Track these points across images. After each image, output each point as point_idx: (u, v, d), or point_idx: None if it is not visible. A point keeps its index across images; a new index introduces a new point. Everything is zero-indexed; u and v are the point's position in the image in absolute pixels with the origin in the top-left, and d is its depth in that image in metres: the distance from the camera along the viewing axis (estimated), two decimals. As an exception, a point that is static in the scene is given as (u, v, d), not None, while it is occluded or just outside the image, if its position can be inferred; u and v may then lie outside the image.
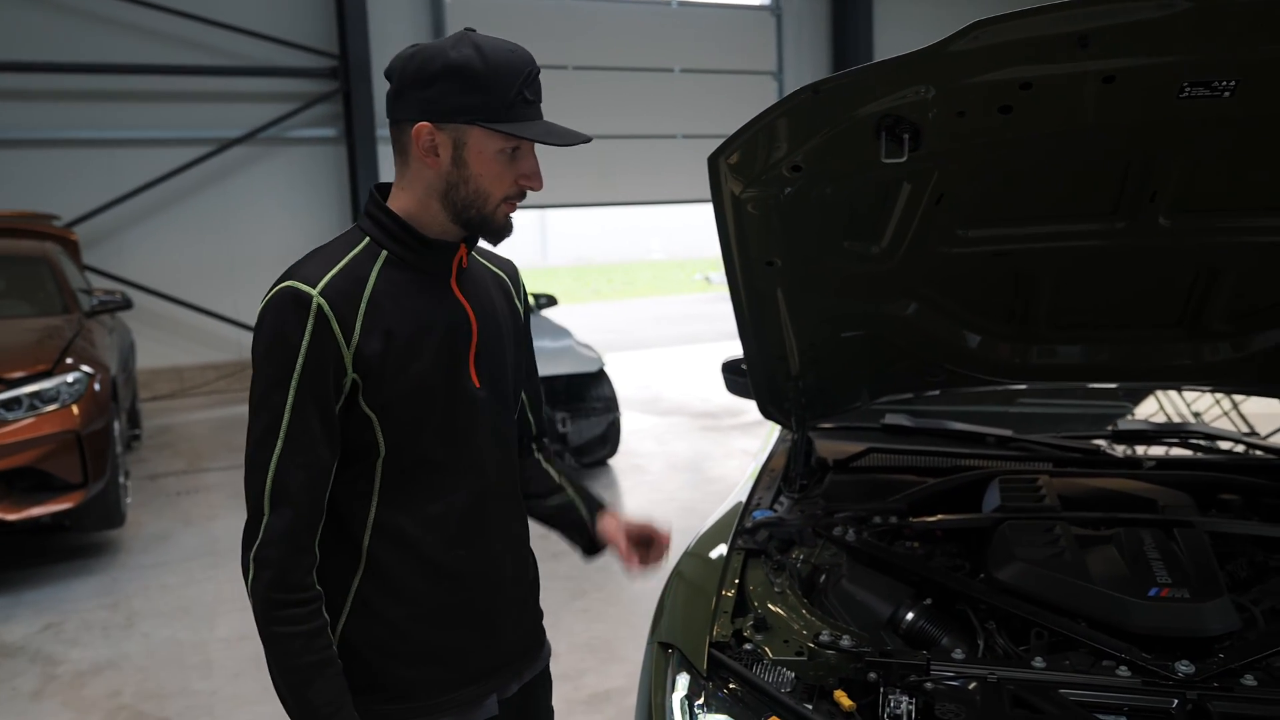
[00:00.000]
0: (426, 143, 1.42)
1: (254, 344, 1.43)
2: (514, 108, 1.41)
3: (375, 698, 1.51)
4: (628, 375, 10.85)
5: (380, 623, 1.51)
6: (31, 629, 4.44)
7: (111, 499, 5.21)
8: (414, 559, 1.51)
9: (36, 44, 9.75)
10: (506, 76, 1.40)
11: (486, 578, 1.58)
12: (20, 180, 9.75)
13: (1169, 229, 2.08)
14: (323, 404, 1.40)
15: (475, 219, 1.47)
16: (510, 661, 1.65)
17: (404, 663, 1.52)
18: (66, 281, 6.23)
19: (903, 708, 1.73)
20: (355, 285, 1.42)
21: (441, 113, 1.40)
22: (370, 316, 1.42)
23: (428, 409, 1.48)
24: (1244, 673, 1.69)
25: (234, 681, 3.85)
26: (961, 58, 1.60)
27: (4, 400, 4.77)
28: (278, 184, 10.93)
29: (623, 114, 12.69)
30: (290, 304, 1.38)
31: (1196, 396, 3.13)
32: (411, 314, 1.46)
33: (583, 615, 4.37)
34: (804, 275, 2.25)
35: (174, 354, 10.49)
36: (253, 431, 1.42)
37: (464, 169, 1.43)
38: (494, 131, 1.41)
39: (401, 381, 1.45)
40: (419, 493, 1.51)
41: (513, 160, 1.45)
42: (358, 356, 1.41)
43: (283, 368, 1.38)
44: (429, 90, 1.40)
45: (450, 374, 1.51)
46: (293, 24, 10.80)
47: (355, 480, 1.48)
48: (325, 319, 1.39)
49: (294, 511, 1.40)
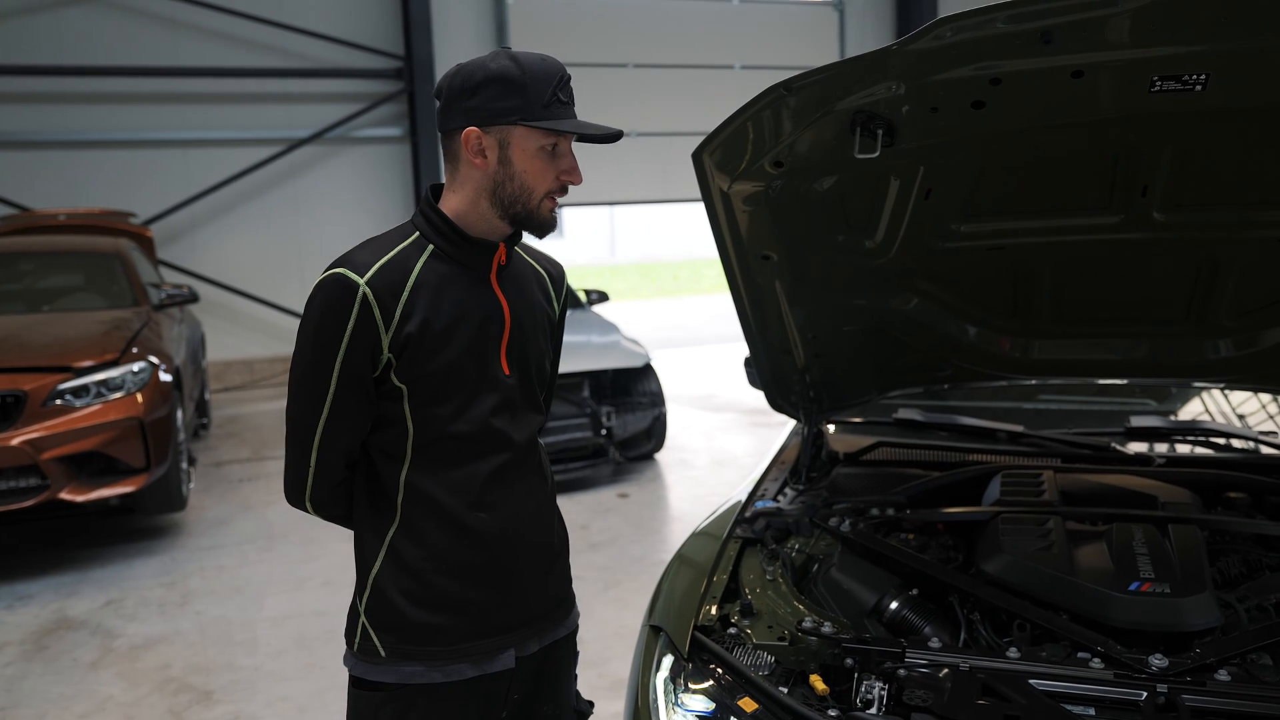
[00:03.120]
0: (475, 145, 1.58)
1: (303, 321, 1.60)
2: (550, 108, 1.55)
3: (401, 637, 1.66)
4: (684, 371, 10.91)
5: (408, 571, 1.66)
6: (95, 604, 4.68)
7: (173, 483, 5.45)
8: (439, 517, 1.65)
9: (116, 49, 10.19)
10: (541, 80, 1.55)
11: (506, 540, 1.69)
12: (101, 180, 10.20)
13: (1164, 223, 2.07)
14: (363, 379, 1.59)
15: (521, 214, 1.62)
16: (530, 621, 1.75)
17: (428, 609, 1.66)
18: (137, 276, 6.51)
19: (875, 693, 1.77)
20: (400, 275, 1.58)
21: (486, 116, 1.57)
22: (410, 304, 1.58)
23: (456, 390, 1.63)
24: (1219, 667, 1.69)
25: (276, 659, 4.02)
26: (927, 55, 1.63)
27: (73, 388, 5.03)
28: (344, 182, 11.23)
29: (684, 111, 12.71)
30: (339, 289, 1.55)
31: (1228, 394, 3.07)
32: (450, 304, 1.61)
33: (614, 604, 4.45)
34: (801, 269, 2.29)
35: (245, 346, 10.86)
36: (299, 399, 1.62)
37: (509, 166, 1.58)
38: (534, 129, 1.55)
39: (433, 364, 1.60)
40: (444, 460, 1.65)
41: (553, 157, 1.59)
42: (394, 339, 1.57)
43: (329, 346, 1.56)
44: (474, 99, 1.57)
45: (481, 360, 1.65)
46: (359, 26, 11.08)
47: (389, 444, 1.65)
48: (369, 306, 1.55)
49: (338, 461, 1.65)
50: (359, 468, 1.71)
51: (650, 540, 5.33)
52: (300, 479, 1.67)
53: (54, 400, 4.96)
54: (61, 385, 5.00)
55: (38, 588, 4.91)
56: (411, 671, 1.66)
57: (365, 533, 1.70)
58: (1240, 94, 1.68)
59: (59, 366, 5.07)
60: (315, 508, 1.72)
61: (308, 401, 1.61)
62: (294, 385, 1.63)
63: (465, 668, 1.68)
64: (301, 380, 1.61)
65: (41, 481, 4.91)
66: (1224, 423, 2.88)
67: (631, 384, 6.79)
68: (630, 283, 25.25)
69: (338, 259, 1.59)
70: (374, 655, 1.68)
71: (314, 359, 1.58)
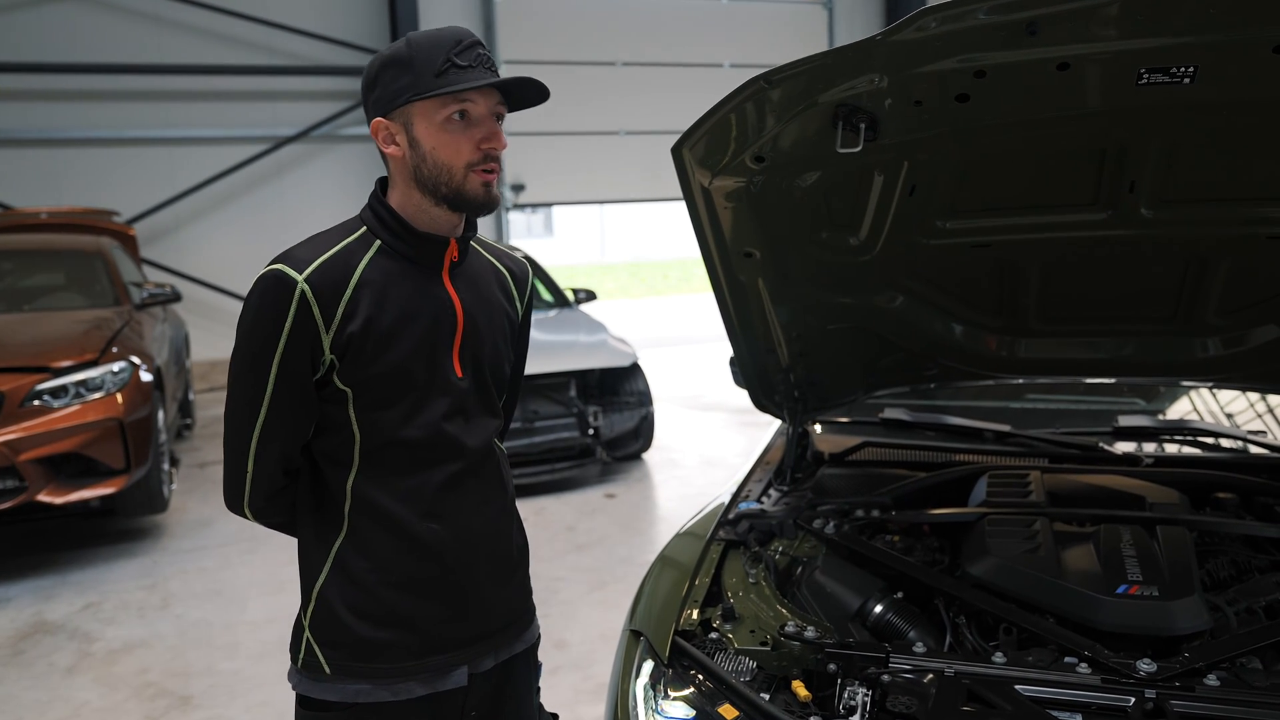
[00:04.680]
0: (385, 135, 1.52)
1: (240, 320, 1.52)
2: (444, 75, 1.47)
3: (346, 654, 1.58)
4: (671, 371, 10.87)
5: (354, 584, 1.57)
6: (73, 608, 4.62)
7: (154, 485, 5.39)
8: (388, 528, 1.57)
9: (99, 46, 10.10)
10: (430, 51, 1.47)
11: (459, 553, 1.61)
12: (84, 178, 10.12)
13: (1151, 219, 2.03)
14: (301, 378, 1.51)
15: (449, 194, 1.52)
16: (486, 635, 1.66)
17: (374, 624, 1.57)
18: (119, 275, 6.44)
19: (858, 699, 1.74)
20: (343, 272, 1.50)
21: (386, 103, 1.51)
22: (353, 303, 1.50)
23: (403, 392, 1.55)
24: (1208, 672, 1.66)
25: (257, 663, 3.96)
26: (910, 47, 1.60)
27: (51, 388, 4.96)
28: (330, 181, 11.16)
29: (673, 110, 12.68)
30: (276, 286, 1.47)
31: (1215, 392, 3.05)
32: (396, 302, 1.53)
33: (600, 606, 4.40)
34: (784, 267, 2.25)
35: (229, 346, 10.72)
36: (234, 400, 1.54)
37: (419, 147, 1.51)
38: (429, 99, 1.47)
39: (378, 365, 1.52)
40: (393, 467, 1.57)
41: (465, 127, 1.50)
42: (336, 339, 1.49)
43: (265, 346, 1.48)
44: (374, 90, 1.52)
45: (431, 362, 1.56)
46: (345, 23, 11.02)
47: (335, 450, 1.57)
48: (308, 304, 1.47)
49: (275, 468, 1.56)
50: (303, 474, 1.63)
51: (637, 541, 5.28)
52: (238, 485, 1.59)
53: (32, 401, 4.89)
54: (40, 385, 4.93)
55: (15, 591, 4.84)
56: (358, 690, 1.57)
57: (310, 543, 1.62)
58: (1229, 87, 1.64)
59: (37, 367, 5.01)
60: (254, 514, 1.63)
61: (244, 404, 1.52)
62: (230, 385, 1.55)
63: (414, 685, 1.59)
64: (237, 380, 1.53)
65: (19, 483, 4.84)
66: (1212, 422, 2.85)
67: (619, 383, 6.75)
68: (620, 282, 25.21)
69: (279, 255, 1.51)
70: (318, 672, 1.59)
71: (250, 359, 1.50)
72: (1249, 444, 2.58)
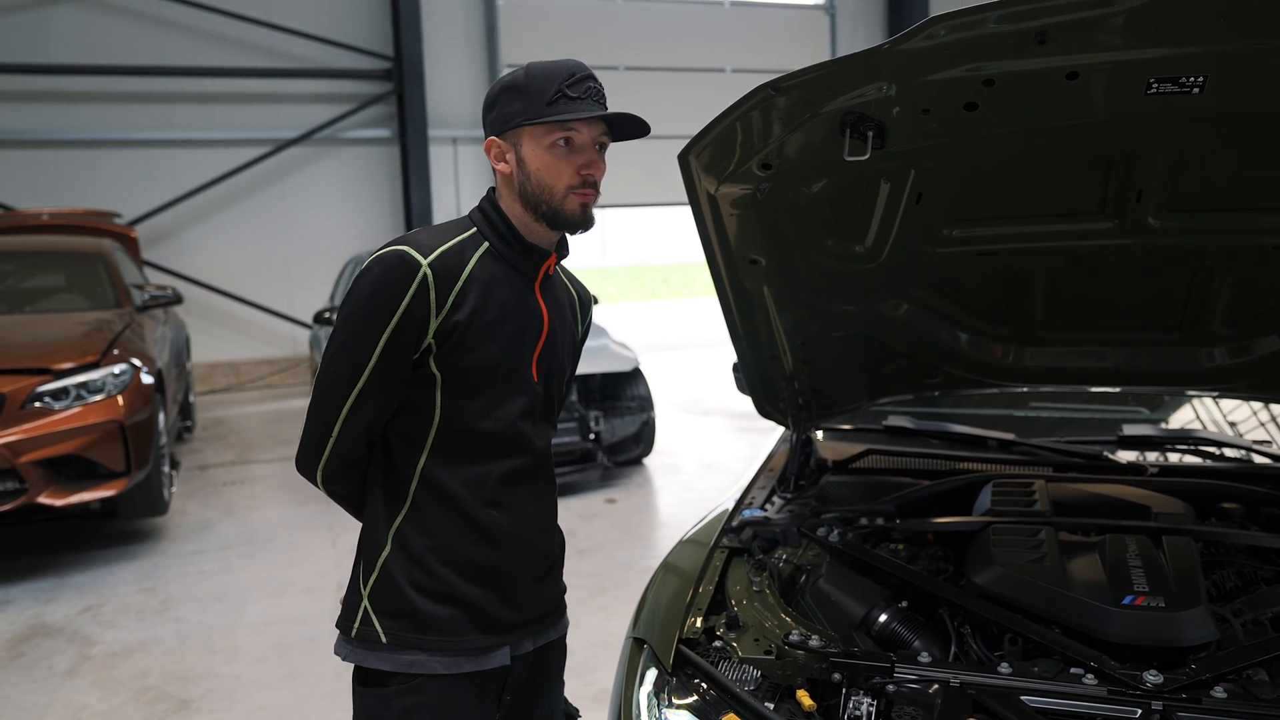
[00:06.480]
0: (496, 153, 1.67)
1: (352, 292, 1.61)
2: (555, 104, 1.59)
3: (405, 624, 1.68)
4: (672, 375, 10.87)
5: (414, 560, 1.68)
6: (72, 610, 4.61)
7: (154, 487, 5.38)
8: (450, 510, 1.67)
9: (102, 48, 10.11)
10: (544, 81, 1.60)
11: (513, 542, 1.72)
12: (86, 179, 10.12)
13: (1158, 229, 2.03)
14: (403, 357, 1.61)
15: (548, 212, 1.65)
16: (527, 623, 1.78)
17: (431, 600, 1.67)
18: (120, 277, 6.44)
19: (863, 709, 1.73)
20: (458, 264, 1.62)
21: (501, 124, 1.65)
22: (463, 294, 1.61)
23: (486, 385, 1.67)
24: (1215, 684, 1.65)
25: (256, 666, 3.95)
26: (919, 55, 1.59)
27: (52, 390, 4.96)
28: (332, 183, 11.16)
29: (675, 114, 12.66)
30: (401, 265, 1.57)
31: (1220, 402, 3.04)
32: (497, 302, 1.65)
33: (600, 612, 4.39)
34: (789, 274, 2.25)
35: (231, 349, 10.78)
36: (334, 368, 1.63)
37: (525, 167, 1.64)
38: (538, 125, 1.61)
39: (473, 356, 1.64)
40: (463, 454, 1.67)
41: (569, 153, 1.63)
42: (442, 325, 1.60)
43: (379, 320, 1.57)
44: (492, 112, 1.68)
45: (515, 363, 1.69)
46: (348, 27, 11.02)
47: (412, 430, 1.67)
48: (427, 286, 1.57)
49: (359, 437, 1.66)
50: (374, 452, 1.71)
51: (638, 546, 5.28)
52: (317, 449, 1.68)
53: (33, 403, 4.89)
54: (40, 387, 4.93)
55: (15, 593, 4.83)
56: (412, 660, 1.66)
57: (376, 518, 1.72)
58: (1239, 97, 1.64)
59: (38, 369, 5.00)
60: (325, 481, 1.73)
61: (345, 371, 1.61)
62: (332, 354, 1.63)
63: (464, 660, 1.68)
64: (341, 349, 1.62)
65: (20, 485, 4.83)
66: (1217, 432, 2.84)
67: (620, 388, 6.75)
68: (621, 286, 25.22)
69: (398, 239, 1.62)
70: (373, 642, 1.67)
71: (360, 331, 1.59)
72: (1254, 454, 2.57)
